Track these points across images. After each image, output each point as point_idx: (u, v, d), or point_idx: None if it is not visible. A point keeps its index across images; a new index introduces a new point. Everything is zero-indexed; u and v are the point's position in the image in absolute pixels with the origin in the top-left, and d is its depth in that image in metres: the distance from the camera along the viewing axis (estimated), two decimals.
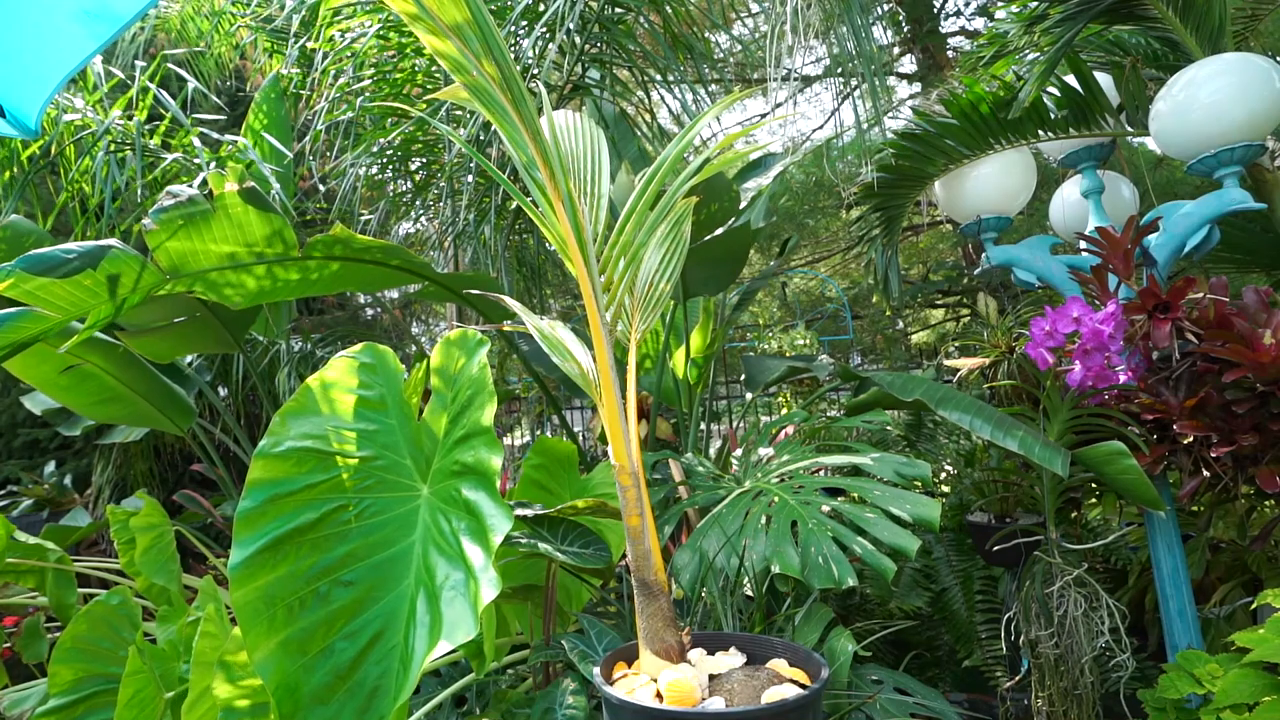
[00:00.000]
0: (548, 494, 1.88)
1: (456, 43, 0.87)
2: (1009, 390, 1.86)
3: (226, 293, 1.88)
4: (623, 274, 1.07)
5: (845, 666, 1.29)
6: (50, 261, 1.59)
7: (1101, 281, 1.70)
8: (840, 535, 1.35)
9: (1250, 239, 2.34)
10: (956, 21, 6.61)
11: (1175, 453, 1.55)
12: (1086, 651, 1.57)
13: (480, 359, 1.22)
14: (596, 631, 1.37)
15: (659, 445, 2.75)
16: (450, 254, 3.32)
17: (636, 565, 1.02)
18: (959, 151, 2.06)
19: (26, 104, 1.70)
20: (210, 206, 1.70)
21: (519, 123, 0.93)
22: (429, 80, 2.80)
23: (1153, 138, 1.77)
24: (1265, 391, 1.42)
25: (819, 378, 2.95)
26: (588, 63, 2.57)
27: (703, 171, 1.07)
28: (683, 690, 0.91)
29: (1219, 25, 1.80)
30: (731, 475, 1.80)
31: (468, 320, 3.62)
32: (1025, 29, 1.95)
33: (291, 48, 2.92)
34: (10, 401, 4.29)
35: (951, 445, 2.71)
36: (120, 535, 1.93)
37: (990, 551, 1.81)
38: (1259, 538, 1.62)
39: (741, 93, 1.23)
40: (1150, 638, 2.04)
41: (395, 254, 1.94)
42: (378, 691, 0.93)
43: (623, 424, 1.03)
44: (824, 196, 6.10)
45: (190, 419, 2.75)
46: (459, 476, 1.12)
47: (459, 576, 0.98)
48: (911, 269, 6.99)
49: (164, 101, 2.55)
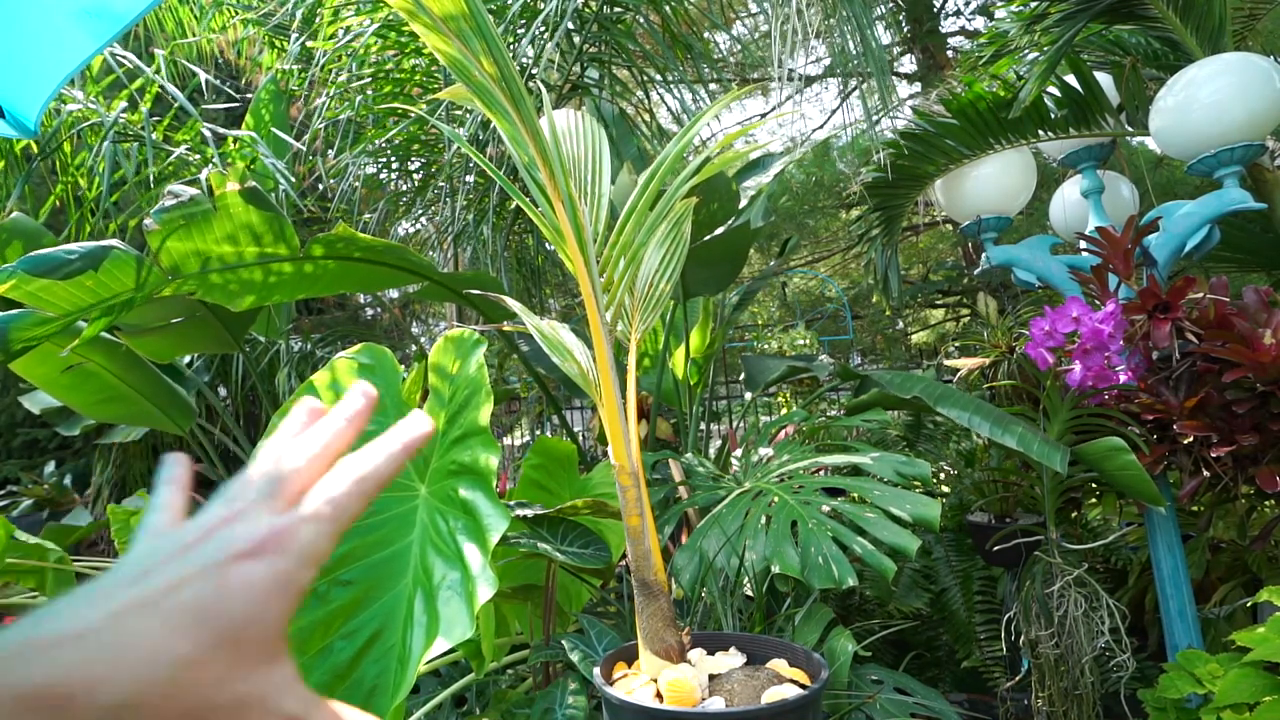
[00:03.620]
0: (547, 494, 1.87)
1: (455, 40, 0.87)
2: (1009, 390, 1.86)
3: (231, 290, 1.88)
4: (623, 274, 1.06)
5: (845, 666, 1.28)
6: (52, 263, 1.59)
7: (1101, 281, 1.70)
8: (840, 535, 1.35)
9: (1250, 239, 2.34)
10: (956, 21, 6.61)
11: (1175, 453, 1.55)
12: (1086, 651, 1.57)
13: (478, 359, 1.22)
14: (596, 631, 1.37)
15: (659, 445, 2.75)
16: (450, 254, 3.32)
17: (636, 565, 1.02)
18: (959, 151, 2.06)
19: (26, 104, 1.70)
20: (211, 206, 1.70)
21: (519, 122, 0.93)
22: (429, 79, 2.79)
23: (1153, 138, 1.77)
24: (1265, 391, 1.42)
25: (819, 377, 2.95)
26: (587, 62, 2.56)
27: (703, 171, 1.06)
28: (683, 690, 0.91)
29: (1219, 25, 1.80)
30: (731, 475, 1.80)
31: (468, 320, 3.62)
32: (1025, 28, 1.95)
33: (293, 45, 2.92)
34: (10, 401, 4.29)
35: (951, 445, 2.71)
36: (120, 535, 1.93)
37: (990, 551, 1.81)
38: (1259, 538, 1.62)
39: (741, 91, 1.23)
40: (1150, 638, 2.04)
41: (397, 253, 1.94)
42: (376, 690, 0.93)
43: (623, 424, 1.03)
44: (824, 196, 6.09)
45: (191, 419, 2.75)
46: (456, 476, 1.12)
47: (456, 576, 0.98)
48: (911, 269, 6.99)
49: (170, 92, 2.55)
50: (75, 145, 2.71)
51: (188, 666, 0.26)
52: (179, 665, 0.25)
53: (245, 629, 0.27)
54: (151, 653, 0.25)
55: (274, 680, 0.28)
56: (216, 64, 3.69)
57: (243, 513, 0.30)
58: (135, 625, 0.25)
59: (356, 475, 0.33)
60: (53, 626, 0.25)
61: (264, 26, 3.18)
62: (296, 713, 0.29)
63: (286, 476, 0.32)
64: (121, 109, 2.57)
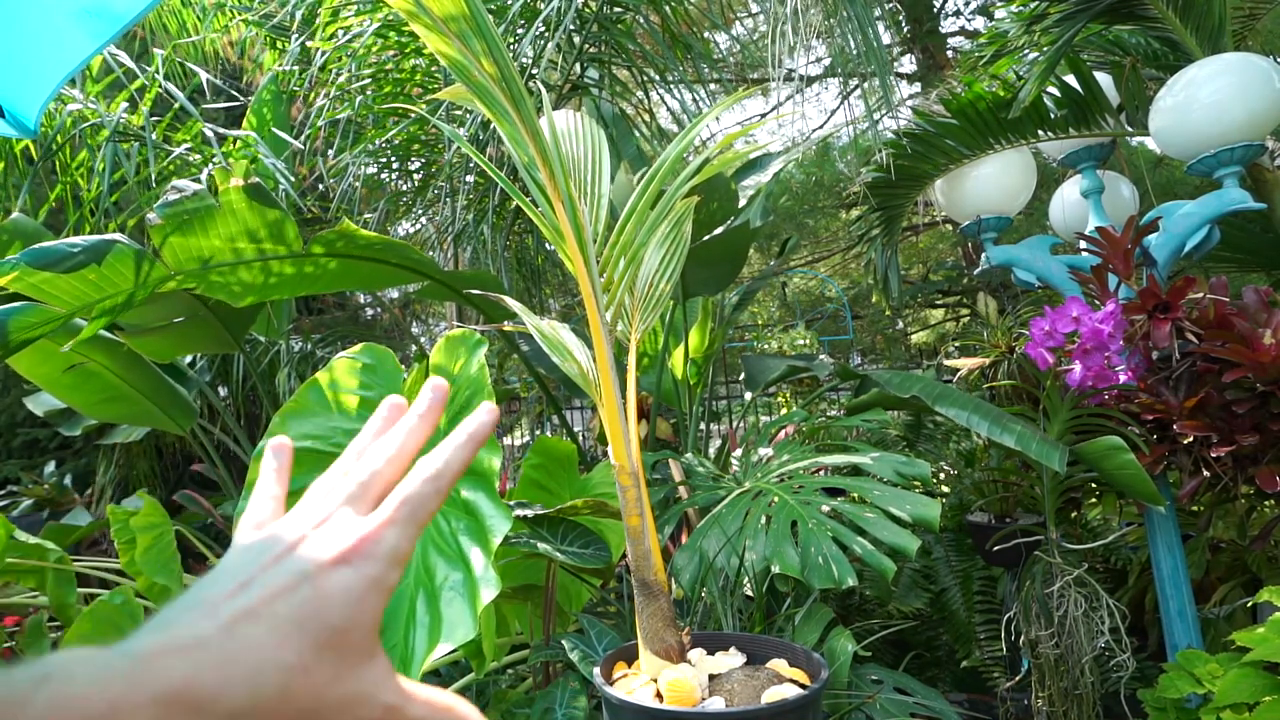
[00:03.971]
0: (547, 494, 1.88)
1: (455, 40, 0.87)
2: (1009, 390, 1.86)
3: (232, 287, 1.88)
4: (623, 274, 1.07)
5: (845, 666, 1.29)
6: (55, 255, 1.59)
7: (1101, 281, 1.70)
8: (840, 535, 1.35)
9: (1250, 239, 2.34)
10: (956, 21, 6.61)
11: (1175, 452, 1.55)
12: (1086, 651, 1.57)
13: (479, 359, 1.22)
14: (596, 631, 1.37)
15: (659, 445, 2.75)
16: (450, 253, 3.32)
17: (636, 565, 1.02)
18: (959, 151, 2.06)
19: (26, 104, 1.70)
20: (215, 202, 1.70)
21: (519, 122, 0.93)
22: (429, 80, 2.80)
23: (1153, 138, 1.77)
24: (1265, 391, 1.42)
25: (819, 377, 2.95)
26: (586, 62, 2.57)
27: (702, 171, 1.06)
28: (683, 690, 0.91)
29: (1219, 25, 1.80)
30: (731, 475, 1.80)
31: (468, 320, 3.62)
32: (1025, 28, 1.95)
33: (293, 45, 2.92)
34: (10, 401, 4.29)
35: (951, 445, 2.71)
36: (121, 535, 1.93)
37: (990, 551, 1.81)
38: (1259, 538, 1.62)
39: (743, 93, 1.23)
40: (1150, 638, 2.04)
41: (397, 250, 1.94)
42: None
43: (623, 424, 1.03)
44: (824, 196, 6.10)
45: (192, 419, 2.76)
46: None
47: (458, 577, 0.98)
48: (911, 269, 6.99)
49: (170, 92, 2.55)
50: (75, 145, 2.71)
51: (296, 672, 0.27)
52: (289, 671, 0.27)
53: (344, 633, 0.29)
54: (262, 661, 0.27)
55: (373, 677, 0.30)
56: (218, 65, 3.69)
57: (331, 517, 0.32)
58: (246, 635, 0.27)
59: (430, 473, 0.34)
60: (173, 635, 0.27)
61: (264, 27, 3.18)
62: (395, 702, 0.31)
63: (369, 480, 0.35)
64: (123, 109, 2.57)
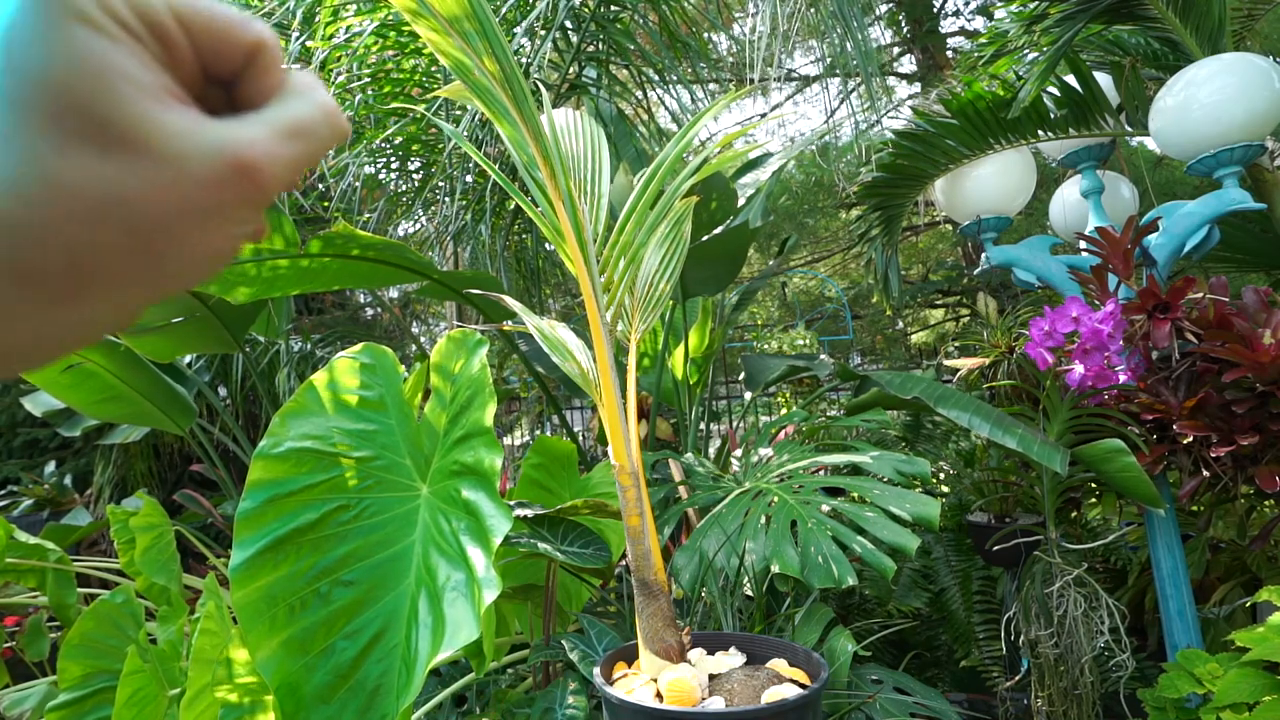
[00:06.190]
0: (547, 494, 1.88)
1: (458, 40, 0.87)
2: (1009, 390, 1.86)
3: (229, 282, 1.88)
4: (623, 274, 1.07)
5: (845, 666, 1.29)
6: None
7: (1101, 281, 1.70)
8: (840, 534, 1.35)
9: (1250, 239, 2.34)
10: (956, 21, 6.61)
11: (1175, 452, 1.55)
12: (1086, 651, 1.57)
13: (480, 358, 1.22)
14: (596, 631, 1.37)
15: (659, 445, 2.75)
16: (449, 253, 3.32)
17: (636, 565, 1.02)
18: (958, 151, 2.06)
19: None
20: None
21: (519, 121, 0.93)
22: (429, 79, 2.79)
23: (1153, 138, 1.77)
24: (1265, 391, 1.42)
25: (819, 377, 2.95)
26: (585, 61, 2.57)
27: (701, 171, 1.07)
28: (683, 690, 0.91)
29: (1218, 25, 1.80)
30: (731, 475, 1.80)
31: (468, 320, 3.62)
32: (1025, 28, 1.95)
33: (293, 44, 2.92)
34: (10, 401, 4.29)
35: (951, 445, 2.71)
36: (120, 535, 1.93)
37: (990, 551, 1.81)
38: (1259, 538, 1.62)
39: (740, 92, 1.23)
40: (1150, 638, 2.04)
41: (396, 251, 1.94)
42: (379, 691, 0.93)
43: (623, 424, 1.03)
44: (823, 196, 6.10)
45: (191, 419, 2.76)
46: (458, 476, 1.12)
47: (460, 577, 0.98)
48: (911, 269, 6.99)
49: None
50: None
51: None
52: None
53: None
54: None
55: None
56: None
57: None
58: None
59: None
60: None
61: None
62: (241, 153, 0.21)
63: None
64: None
